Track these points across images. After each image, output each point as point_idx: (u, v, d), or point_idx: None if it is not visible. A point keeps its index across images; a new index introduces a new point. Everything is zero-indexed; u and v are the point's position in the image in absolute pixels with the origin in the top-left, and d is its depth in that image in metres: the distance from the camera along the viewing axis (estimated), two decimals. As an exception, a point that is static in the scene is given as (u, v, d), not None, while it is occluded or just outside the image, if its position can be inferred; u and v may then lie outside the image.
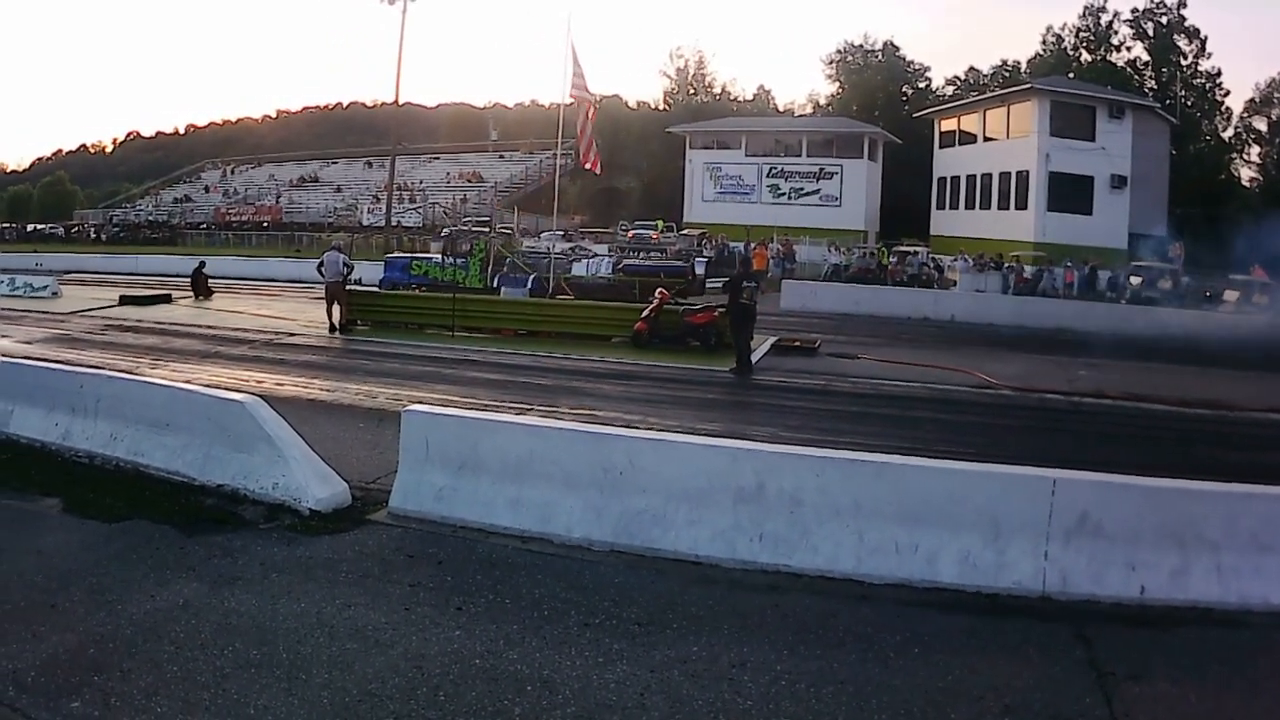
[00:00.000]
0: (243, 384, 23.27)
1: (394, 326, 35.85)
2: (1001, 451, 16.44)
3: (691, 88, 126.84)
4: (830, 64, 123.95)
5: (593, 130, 42.38)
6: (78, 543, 12.39)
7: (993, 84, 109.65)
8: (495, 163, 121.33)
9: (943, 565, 10.87)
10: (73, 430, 16.50)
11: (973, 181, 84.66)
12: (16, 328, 35.45)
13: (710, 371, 27.43)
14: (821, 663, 9.11)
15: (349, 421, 20.25)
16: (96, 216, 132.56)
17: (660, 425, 19.06)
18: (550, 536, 12.24)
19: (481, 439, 13.32)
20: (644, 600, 10.55)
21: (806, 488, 11.45)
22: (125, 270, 69.96)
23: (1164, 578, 10.49)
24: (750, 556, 11.42)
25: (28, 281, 50.23)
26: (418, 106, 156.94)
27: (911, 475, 11.42)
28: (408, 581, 10.99)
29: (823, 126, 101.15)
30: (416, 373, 26.75)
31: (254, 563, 11.55)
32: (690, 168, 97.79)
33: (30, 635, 9.53)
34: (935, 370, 28.32)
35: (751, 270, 29.41)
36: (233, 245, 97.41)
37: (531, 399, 22.71)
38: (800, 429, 19.66)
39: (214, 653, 9.18)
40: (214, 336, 34.33)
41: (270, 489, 13.63)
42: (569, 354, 30.03)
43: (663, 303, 32.03)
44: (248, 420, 14.18)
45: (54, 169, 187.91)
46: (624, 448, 12.49)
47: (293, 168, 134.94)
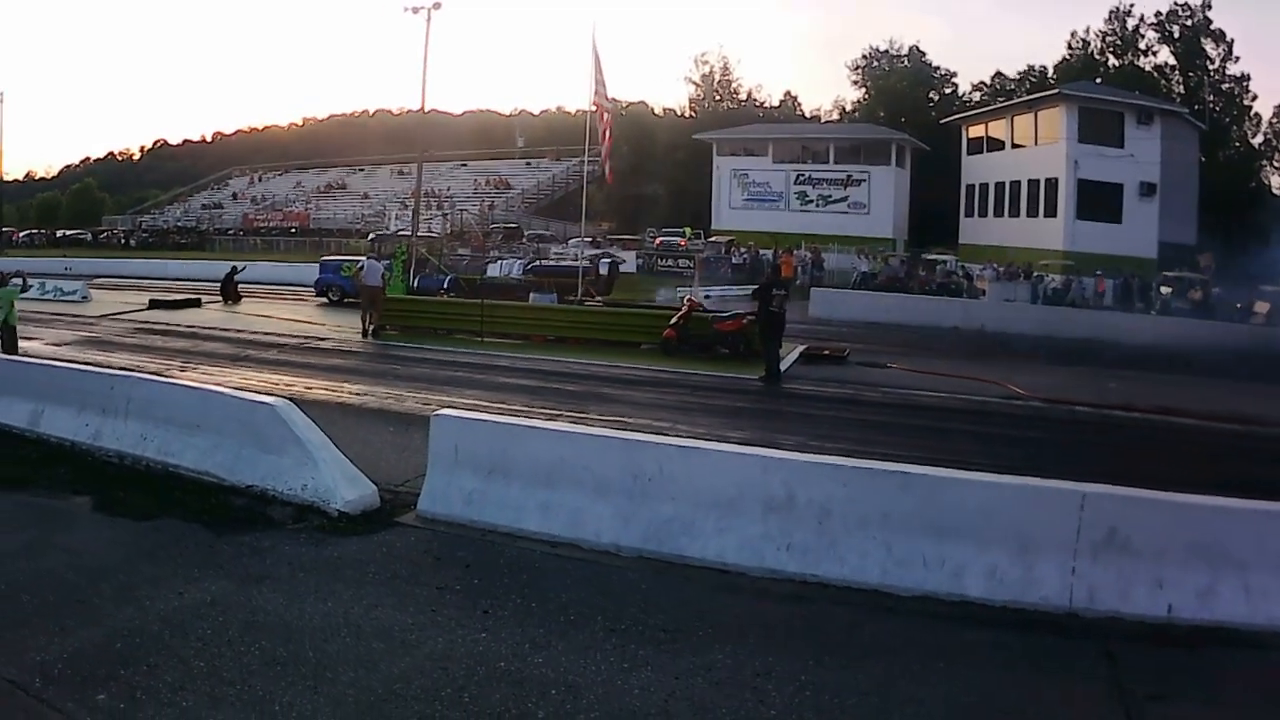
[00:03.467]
0: (273, 387, 23.36)
1: (423, 332, 35.82)
2: (1030, 464, 16.22)
3: (717, 94, 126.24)
4: (856, 69, 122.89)
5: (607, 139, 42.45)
6: (107, 540, 12.48)
7: (1020, 90, 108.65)
8: (522, 170, 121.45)
9: (970, 579, 10.75)
10: (103, 431, 16.57)
11: (1001, 189, 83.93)
12: (47, 330, 35.59)
13: (739, 379, 27.36)
14: (846, 674, 9.06)
15: (378, 425, 20.30)
16: (125, 222, 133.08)
17: (689, 432, 18.92)
18: (579, 542, 12.23)
19: (511, 444, 13.34)
20: (670, 607, 10.52)
21: (835, 498, 11.39)
22: (154, 275, 70.30)
23: (1191, 596, 10.32)
24: (778, 566, 11.36)
25: (58, 286, 50.58)
26: (443, 114, 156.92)
27: (941, 487, 11.27)
28: (435, 584, 11.01)
29: (850, 133, 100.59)
30: (446, 378, 26.84)
31: (282, 562, 11.60)
32: (718, 174, 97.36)
33: (59, 629, 9.59)
34: (964, 380, 28.09)
35: (781, 278, 29.23)
36: (261, 250, 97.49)
37: (561, 405, 22.71)
38: (829, 438, 19.51)
39: (241, 649, 9.22)
40: (243, 340, 34.52)
41: (299, 490, 13.68)
42: (598, 360, 29.98)
43: (691, 310, 32.03)
44: (277, 422, 14.26)
45: (82, 176, 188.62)
46: (654, 455, 12.46)
47: (320, 174, 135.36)
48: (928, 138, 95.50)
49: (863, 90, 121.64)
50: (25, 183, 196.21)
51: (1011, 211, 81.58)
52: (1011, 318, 46.41)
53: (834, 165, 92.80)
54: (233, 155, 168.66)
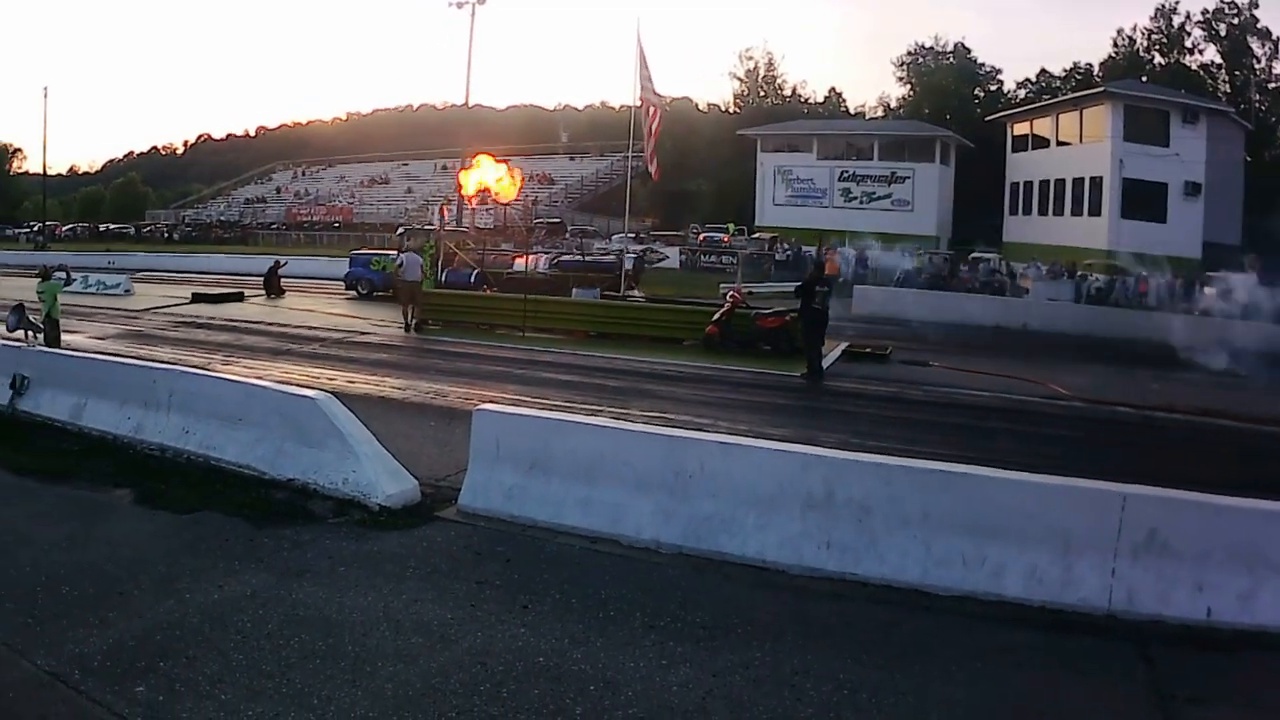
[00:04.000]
0: (314, 381, 23.31)
1: (465, 326, 35.88)
2: (1072, 464, 16.08)
3: (761, 89, 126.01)
4: (901, 66, 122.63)
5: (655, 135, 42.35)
6: (148, 533, 12.52)
7: (1065, 87, 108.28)
8: (566, 165, 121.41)
9: (1009, 579, 10.67)
10: (145, 424, 16.67)
11: (1045, 187, 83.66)
12: (90, 324, 35.70)
13: (781, 376, 27.32)
14: (884, 673, 9.01)
15: (420, 419, 20.35)
16: (168, 216, 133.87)
17: (730, 429, 18.70)
18: (619, 538, 12.22)
19: (553, 439, 13.34)
20: (710, 604, 10.49)
21: (876, 496, 11.33)
22: (197, 269, 70.58)
23: (1231, 600, 10.18)
24: (817, 564, 11.30)
25: (101, 279, 50.78)
26: (487, 108, 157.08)
27: (982, 486, 11.19)
28: (475, 579, 11.00)
29: (894, 130, 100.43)
30: (488, 372, 26.88)
31: (322, 556, 11.61)
32: (761, 171, 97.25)
33: (98, 621, 9.62)
34: (1006, 380, 27.95)
35: (824, 275, 29.13)
36: (304, 245, 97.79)
37: (602, 400, 22.71)
38: (870, 436, 19.37)
39: (280, 643, 9.23)
40: (286, 334, 34.65)
41: (340, 484, 13.70)
42: (640, 356, 29.98)
43: (735, 306, 31.94)
44: (319, 416, 14.30)
45: (125, 170, 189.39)
46: (695, 451, 12.42)
47: (364, 169, 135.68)
48: (972, 135, 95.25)
49: (908, 87, 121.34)
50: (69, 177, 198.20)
51: (1056, 210, 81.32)
52: (1054, 317, 46.22)
53: (878, 162, 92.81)
54: (276, 149, 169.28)
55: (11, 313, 25.90)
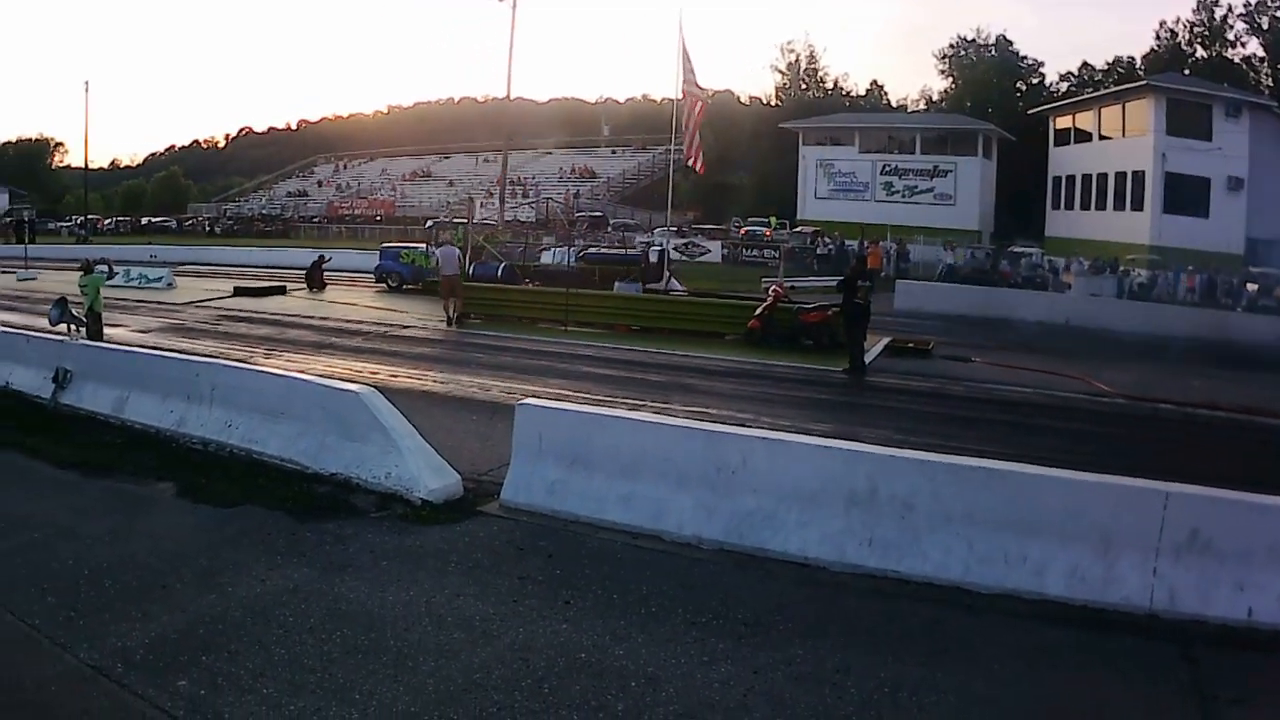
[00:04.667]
0: (357, 375, 23.40)
1: (507, 320, 35.95)
2: (1113, 462, 15.85)
3: (803, 82, 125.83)
4: (943, 59, 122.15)
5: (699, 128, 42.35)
6: (190, 526, 12.60)
7: (1107, 80, 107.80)
8: (608, 158, 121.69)
9: (1051, 577, 10.59)
10: (188, 417, 16.76)
11: (1088, 181, 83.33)
12: (133, 317, 35.93)
13: (823, 371, 27.24)
14: (925, 671, 8.95)
15: (462, 414, 20.38)
16: (210, 210, 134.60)
17: (772, 424, 18.78)
18: (661, 533, 12.19)
19: (595, 434, 13.34)
20: (751, 601, 10.45)
21: (919, 493, 11.27)
22: (238, 263, 70.86)
23: (1273, 600, 10.06)
24: (859, 561, 11.25)
25: (143, 273, 50.96)
26: (529, 101, 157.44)
27: (1025, 484, 11.11)
28: (517, 574, 10.99)
29: (937, 123, 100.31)
30: (530, 366, 26.87)
31: (365, 550, 11.63)
32: (804, 164, 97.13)
33: (141, 615, 9.67)
34: (1048, 376, 27.80)
35: (866, 269, 29.01)
36: (345, 238, 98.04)
37: (644, 395, 22.73)
38: (912, 432, 19.26)
39: (322, 637, 9.26)
40: (328, 328, 34.75)
41: (383, 478, 13.74)
42: (682, 351, 29.97)
43: (777, 301, 31.85)
44: (362, 410, 14.33)
45: (167, 164, 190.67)
46: (738, 447, 12.39)
47: (405, 162, 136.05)
48: (1015, 128, 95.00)
49: (949, 80, 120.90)
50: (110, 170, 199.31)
51: (1098, 204, 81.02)
52: (1096, 312, 45.85)
53: (920, 155, 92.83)
54: (318, 143, 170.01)
55: (54, 306, 25.99)
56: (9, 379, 21.05)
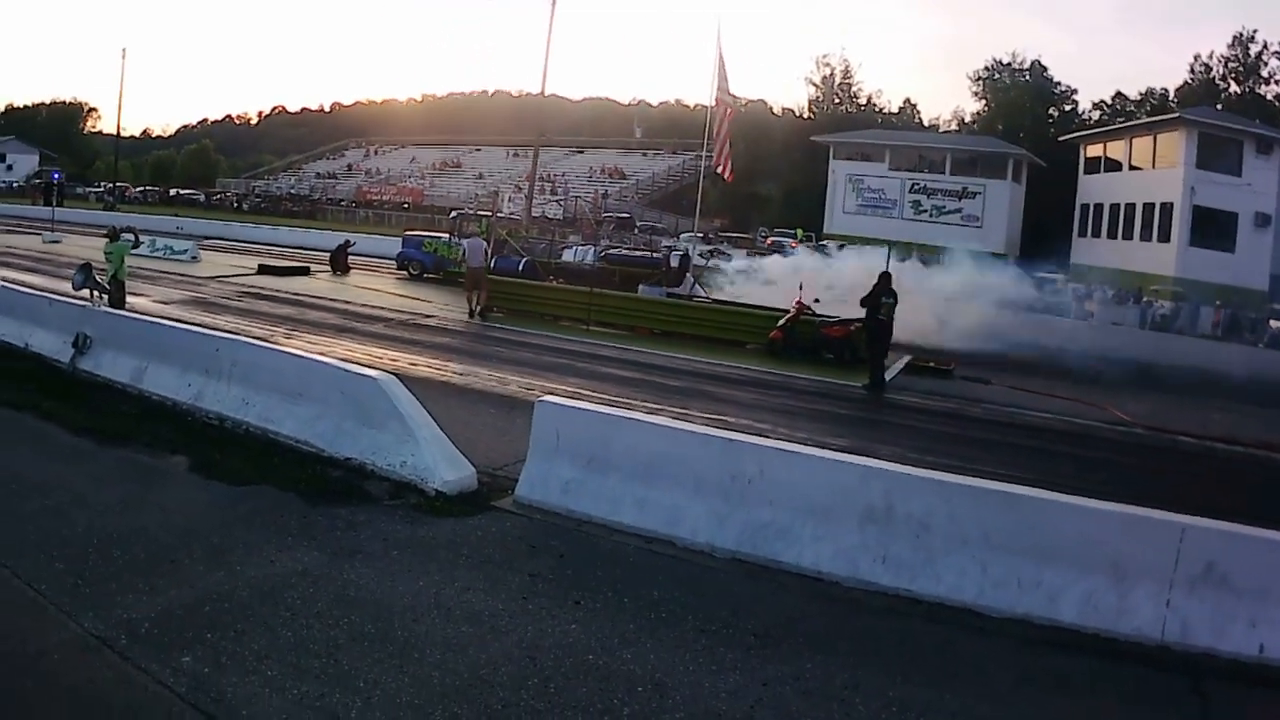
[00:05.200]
0: (376, 361, 23.30)
1: (530, 316, 35.93)
2: (1130, 491, 15.82)
3: (837, 97, 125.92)
4: (977, 80, 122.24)
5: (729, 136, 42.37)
6: (202, 502, 12.60)
7: (1140, 111, 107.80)
8: (638, 160, 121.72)
9: (1064, 604, 10.54)
10: (205, 392, 16.83)
11: (1116, 210, 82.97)
12: (155, 288, 35.89)
13: (843, 386, 27.18)
14: (934, 693, 8.90)
15: (480, 407, 20.34)
16: (239, 186, 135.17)
17: (790, 436, 18.82)
18: (674, 539, 12.14)
19: (613, 435, 13.28)
20: (762, 612, 10.41)
21: (936, 513, 11.22)
22: (264, 241, 71.38)
23: (1286, 637, 10.08)
24: (872, 578, 11.21)
25: (168, 244, 51.27)
26: (562, 99, 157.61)
27: (1043, 510, 11.07)
28: (528, 571, 10.94)
29: (968, 145, 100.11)
30: (550, 364, 26.80)
31: (376, 538, 11.60)
32: (833, 178, 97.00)
33: (148, 588, 9.68)
34: (1068, 402, 27.78)
35: (890, 287, 28.95)
36: (372, 224, 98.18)
37: (663, 399, 22.61)
38: (929, 451, 19.16)
39: (329, 623, 9.24)
40: (350, 312, 34.74)
41: (398, 467, 13.72)
42: (702, 357, 29.91)
43: (799, 313, 31.80)
44: (381, 397, 14.32)
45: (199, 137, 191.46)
46: (755, 456, 12.32)
47: (436, 152, 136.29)
48: (1044, 154, 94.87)
49: (982, 102, 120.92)
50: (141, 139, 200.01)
51: (1125, 234, 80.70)
52: (1118, 341, 45.67)
53: (950, 176, 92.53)
54: (350, 127, 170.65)
55: (78, 271, 25.98)
56: (29, 341, 21.22)
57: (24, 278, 34.39)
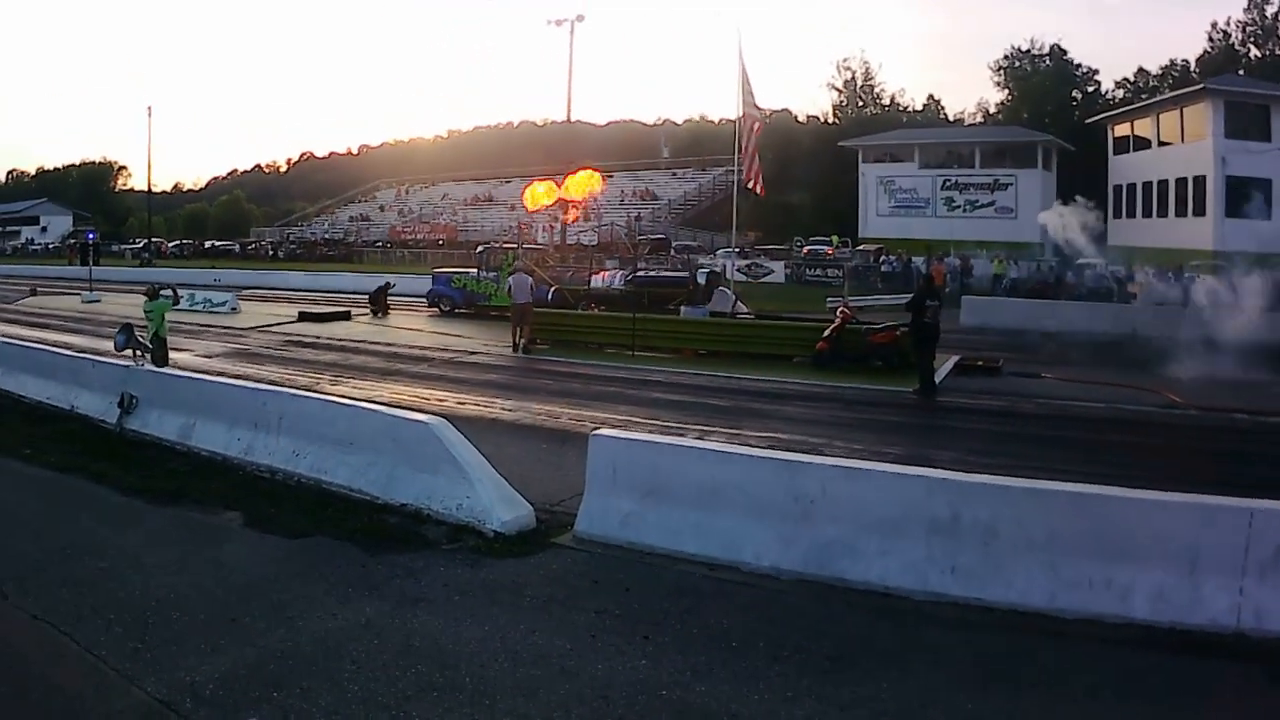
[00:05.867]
0: (424, 402, 23.47)
1: (574, 345, 35.78)
2: (1191, 477, 15.56)
3: (860, 99, 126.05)
4: (998, 70, 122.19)
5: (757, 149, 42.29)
6: (259, 557, 12.56)
7: (1163, 85, 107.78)
8: (668, 180, 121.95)
9: (1136, 600, 10.39)
10: (255, 445, 16.83)
11: (1149, 189, 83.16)
12: (197, 341, 36.13)
13: (893, 392, 27.01)
14: (1012, 703, 8.78)
15: (532, 442, 20.21)
16: (273, 234, 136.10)
17: (846, 449, 18.82)
18: (738, 564, 11.99)
19: (670, 465, 13.17)
20: (834, 634, 10.26)
21: (1002, 519, 11.08)
22: (302, 287, 71.35)
23: (1362, 618, 9.92)
24: (941, 589, 11.07)
25: (207, 297, 51.34)
26: (587, 124, 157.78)
27: (1108, 506, 10.93)
28: (593, 608, 10.81)
29: (995, 136, 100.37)
30: (598, 393, 26.71)
31: (437, 584, 11.51)
32: (864, 182, 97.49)
33: (209, 648, 9.61)
34: (1120, 389, 27.54)
35: (934, 288, 28.67)
36: (409, 263, 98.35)
37: (714, 420, 22.48)
38: (986, 453, 19.20)
39: (396, 674, 9.12)
40: (394, 354, 34.76)
41: (454, 510, 13.63)
42: (750, 374, 29.61)
43: (845, 322, 31.63)
44: (433, 441, 14.25)
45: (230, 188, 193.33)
46: (816, 476, 12.19)
47: (467, 187, 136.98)
48: (1072, 137, 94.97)
49: (1005, 91, 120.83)
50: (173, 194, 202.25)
51: (1160, 211, 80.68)
52: (1164, 321, 45.34)
53: (980, 169, 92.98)
54: (378, 168, 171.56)
55: (120, 332, 25.96)
56: (75, 403, 21.47)
57: (66, 339, 34.75)
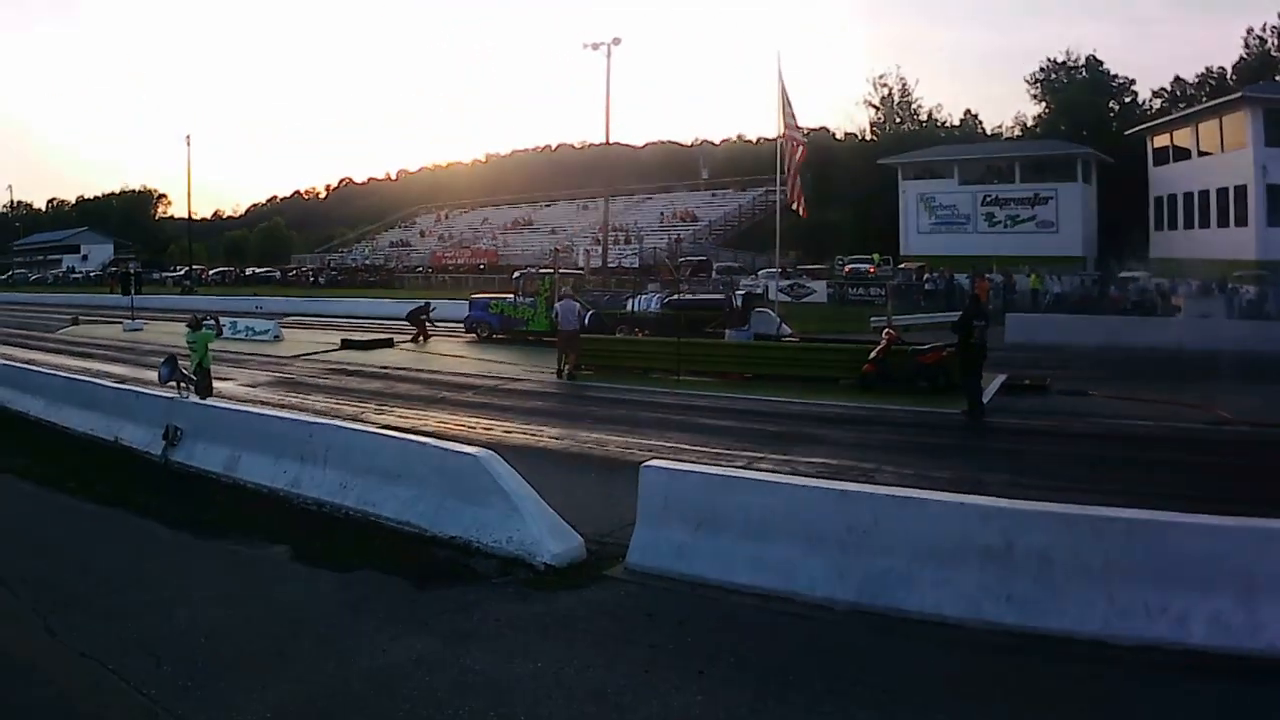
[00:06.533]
0: (471, 431, 23.55)
1: (617, 370, 35.71)
2: (1245, 497, 15.49)
3: (898, 115, 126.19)
4: (1034, 83, 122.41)
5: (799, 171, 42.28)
6: (307, 591, 12.55)
7: (1200, 94, 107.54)
8: (708, 201, 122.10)
9: (1193, 626, 10.21)
10: (301, 478, 16.83)
11: (1189, 199, 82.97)
12: (241, 370, 36.46)
13: (941, 414, 26.80)
14: (1070, 733, 8.59)
15: (581, 471, 20.17)
16: (313, 260, 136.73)
17: (896, 473, 18.70)
18: (792, 595, 11.86)
19: (722, 495, 13.04)
20: (890, 665, 10.14)
21: (1057, 546, 10.97)
22: (343, 313, 71.81)
23: None
24: (996, 618, 10.92)
25: (249, 325, 51.75)
26: (626, 146, 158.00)
27: (1163, 532, 10.78)
28: (647, 642, 10.69)
29: (1034, 150, 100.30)
30: (645, 419, 26.61)
31: (488, 618, 11.40)
32: (904, 199, 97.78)
33: (259, 685, 9.56)
34: (1167, 406, 27.28)
35: (982, 308, 28.47)
36: (450, 288, 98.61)
37: (763, 446, 22.23)
38: (1037, 475, 18.99)
39: (450, 712, 9.01)
40: (438, 382, 34.77)
41: (504, 542, 13.54)
42: (797, 398, 29.48)
43: (891, 343, 31.53)
44: (481, 474, 14.19)
45: (270, 214, 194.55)
46: (869, 505, 12.09)
47: (507, 211, 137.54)
48: (1110, 149, 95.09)
49: (1042, 104, 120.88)
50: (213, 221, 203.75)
51: (1201, 222, 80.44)
52: (1210, 334, 44.92)
53: (1020, 184, 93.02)
54: (417, 193, 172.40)
55: (164, 365, 26.09)
56: (119, 434, 21.48)
57: (108, 368, 35.19)
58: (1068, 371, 34.39)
